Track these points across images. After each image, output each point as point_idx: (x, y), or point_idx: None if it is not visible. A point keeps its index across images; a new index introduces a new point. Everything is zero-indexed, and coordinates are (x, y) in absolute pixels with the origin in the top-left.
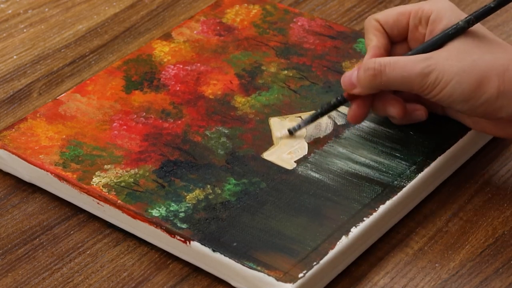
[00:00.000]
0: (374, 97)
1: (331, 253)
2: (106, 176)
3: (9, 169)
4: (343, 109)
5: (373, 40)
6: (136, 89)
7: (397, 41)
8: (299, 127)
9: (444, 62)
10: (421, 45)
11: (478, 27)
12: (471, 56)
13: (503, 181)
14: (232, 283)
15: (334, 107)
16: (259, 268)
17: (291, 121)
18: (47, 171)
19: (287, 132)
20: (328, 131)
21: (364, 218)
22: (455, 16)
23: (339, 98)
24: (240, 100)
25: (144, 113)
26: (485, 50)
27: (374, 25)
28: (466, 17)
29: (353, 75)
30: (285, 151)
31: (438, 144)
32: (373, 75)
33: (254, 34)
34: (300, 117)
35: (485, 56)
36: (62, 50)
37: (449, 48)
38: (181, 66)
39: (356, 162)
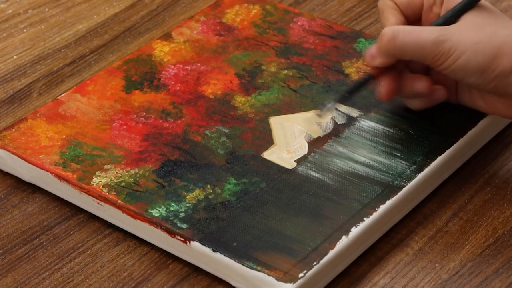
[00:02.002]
0: (401, 76)
1: (331, 253)
2: (106, 176)
3: (9, 169)
4: (344, 108)
5: (391, 19)
6: (136, 89)
7: (410, 22)
8: (327, 108)
9: (459, 33)
10: (436, 20)
11: (490, 6)
12: (486, 29)
13: (503, 181)
14: (232, 283)
15: (361, 85)
16: (259, 268)
17: (289, 120)
18: (47, 171)
19: (314, 115)
20: (328, 130)
21: (364, 218)
22: None
23: (366, 76)
24: (240, 100)
25: (144, 113)
26: (499, 25)
27: (390, 4)
28: None
29: (373, 48)
30: (285, 150)
31: (438, 144)
32: (387, 40)
33: (254, 34)
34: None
35: (500, 31)
36: (62, 50)
37: (464, 22)
38: (181, 66)
39: (356, 162)
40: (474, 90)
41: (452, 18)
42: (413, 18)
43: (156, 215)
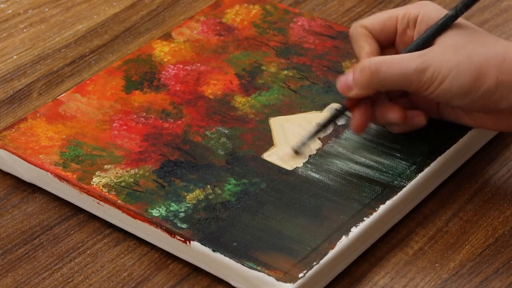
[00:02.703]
0: (373, 105)
1: (331, 253)
2: (106, 176)
3: (9, 169)
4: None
5: (365, 47)
6: (136, 89)
7: (384, 47)
8: (304, 144)
9: (439, 57)
10: (412, 43)
11: (466, 23)
12: (465, 49)
13: (503, 181)
14: (232, 283)
15: (335, 118)
16: (259, 268)
17: (289, 121)
18: (47, 171)
19: (292, 152)
20: (328, 131)
21: (364, 218)
22: (442, 15)
23: (339, 109)
24: (240, 100)
25: (144, 113)
26: (477, 43)
27: (362, 32)
28: (453, 7)
29: (348, 78)
30: (287, 151)
31: (438, 144)
32: (369, 74)
33: (254, 34)
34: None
35: (478, 49)
36: (62, 50)
37: (441, 44)
38: (181, 66)
39: (356, 162)
40: (458, 110)
41: (428, 40)
42: (386, 43)
43: (156, 215)
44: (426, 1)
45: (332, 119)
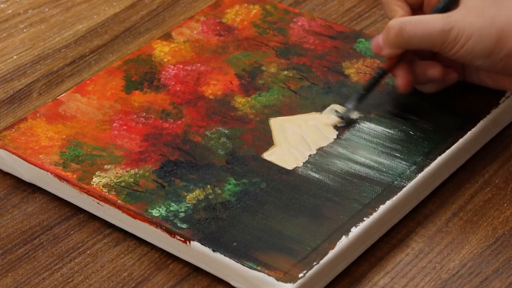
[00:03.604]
0: (412, 65)
1: (331, 253)
2: (106, 176)
3: (9, 169)
4: (344, 110)
5: (399, 11)
6: (136, 89)
7: (413, 9)
8: (348, 110)
9: (463, 19)
10: (437, 5)
11: None
12: (488, 12)
13: (503, 181)
14: (232, 283)
15: (377, 80)
16: (259, 268)
17: (289, 122)
18: (47, 171)
19: (338, 118)
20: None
21: (364, 218)
22: None
23: (380, 72)
24: (240, 101)
25: (144, 113)
26: (501, 6)
27: None
28: None
29: (379, 38)
30: (287, 152)
31: (438, 144)
32: (394, 33)
33: (254, 34)
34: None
35: (501, 12)
36: (62, 50)
37: (465, 6)
38: (181, 66)
39: (356, 163)
40: (482, 71)
41: (451, 2)
42: (416, 6)
43: (156, 215)
44: None
45: (375, 82)
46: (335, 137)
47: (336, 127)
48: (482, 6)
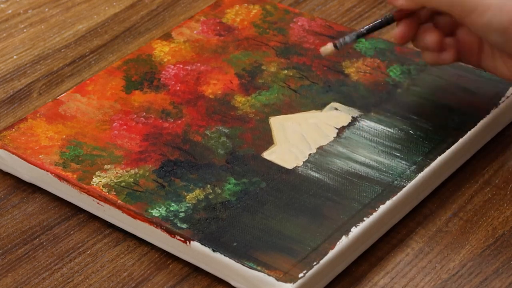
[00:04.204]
0: (419, 25)
1: (331, 253)
2: (106, 176)
3: (9, 169)
4: (344, 108)
5: None
6: (136, 89)
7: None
8: (345, 41)
9: None
10: None
11: None
12: None
13: (503, 181)
14: (232, 283)
15: (381, 25)
16: (259, 268)
17: (289, 120)
18: (47, 171)
19: (332, 47)
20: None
21: (364, 218)
22: None
23: (386, 16)
24: (240, 100)
25: (144, 113)
26: None
27: None
28: None
29: None
30: (287, 151)
31: (438, 144)
32: None
33: (254, 34)
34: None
35: None
36: (62, 50)
37: None
38: (181, 66)
39: (356, 162)
40: (497, 57)
41: None
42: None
43: (156, 215)
44: None
45: (379, 26)
46: (335, 135)
47: (336, 126)
48: None
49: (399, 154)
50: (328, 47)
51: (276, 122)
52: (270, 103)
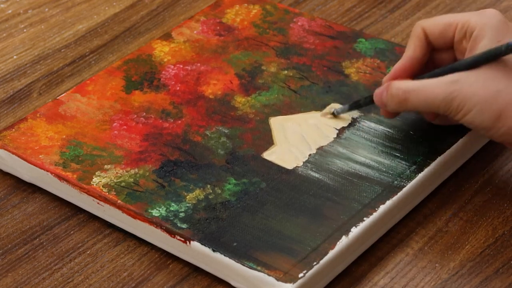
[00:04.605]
0: None
1: (331, 253)
2: (106, 176)
3: (9, 169)
4: (340, 107)
5: (409, 50)
6: (136, 89)
7: (441, 49)
8: (343, 110)
9: (468, 89)
10: (451, 64)
11: None
12: (496, 85)
13: (503, 181)
14: (232, 283)
15: (363, 105)
16: (259, 268)
17: (289, 121)
18: (47, 171)
19: (330, 114)
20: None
21: (364, 218)
22: (499, 35)
23: (366, 100)
24: (240, 100)
25: (144, 113)
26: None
27: (418, 34)
28: (503, 44)
29: (383, 95)
30: (287, 152)
31: (438, 144)
32: (398, 102)
33: (254, 34)
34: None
35: (509, 89)
36: (62, 50)
37: (478, 72)
38: (181, 66)
39: (356, 162)
40: None
41: (468, 65)
42: (445, 47)
43: (156, 215)
44: (491, 10)
45: (360, 105)
46: (335, 136)
47: (336, 127)
48: (494, 76)
49: (399, 154)
50: (327, 112)
51: (276, 123)
52: (270, 103)
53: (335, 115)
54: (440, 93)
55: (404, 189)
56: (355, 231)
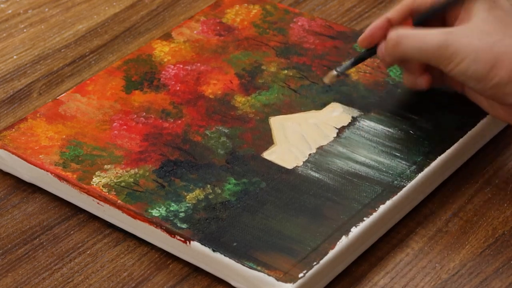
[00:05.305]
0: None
1: (331, 253)
2: (106, 176)
3: (9, 169)
4: (344, 108)
5: (390, 12)
6: (136, 89)
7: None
8: (346, 68)
9: (463, 39)
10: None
11: (505, 3)
12: (492, 37)
13: (503, 181)
14: (232, 283)
15: (363, 59)
16: (259, 268)
17: (289, 120)
18: (47, 171)
19: (334, 73)
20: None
21: (364, 218)
22: None
23: (370, 52)
24: (240, 100)
25: (144, 113)
26: (508, 33)
27: (407, 3)
28: None
29: (383, 46)
30: (287, 151)
31: (438, 144)
32: (392, 46)
33: (254, 34)
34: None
35: (504, 40)
36: (62, 50)
37: (472, 25)
38: (181, 66)
39: (356, 162)
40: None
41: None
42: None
43: (156, 215)
44: None
45: (360, 59)
46: (335, 135)
47: (336, 127)
48: (489, 29)
49: (399, 154)
50: (330, 74)
51: (276, 122)
52: (270, 103)
53: (338, 75)
54: (434, 40)
55: (404, 189)
56: (355, 231)
